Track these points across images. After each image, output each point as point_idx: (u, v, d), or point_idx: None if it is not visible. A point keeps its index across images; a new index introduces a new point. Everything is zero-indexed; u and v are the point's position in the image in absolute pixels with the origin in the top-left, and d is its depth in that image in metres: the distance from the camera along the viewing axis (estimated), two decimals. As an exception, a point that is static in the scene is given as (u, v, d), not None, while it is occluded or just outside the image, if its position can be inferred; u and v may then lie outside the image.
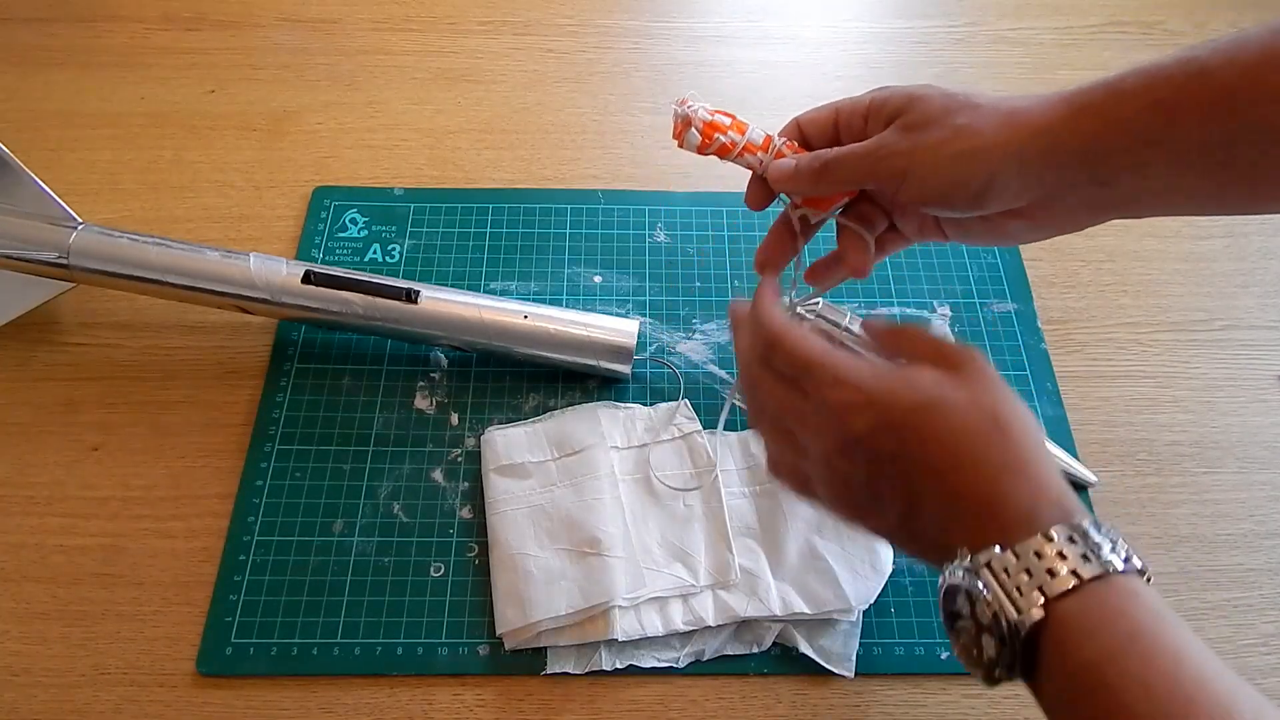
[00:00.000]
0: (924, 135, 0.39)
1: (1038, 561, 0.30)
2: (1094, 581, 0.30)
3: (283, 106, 0.72)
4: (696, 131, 0.45)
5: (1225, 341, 0.61)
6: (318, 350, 0.59)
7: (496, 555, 0.50)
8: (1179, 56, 0.34)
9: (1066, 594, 0.30)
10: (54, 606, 0.50)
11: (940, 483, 0.33)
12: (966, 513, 0.33)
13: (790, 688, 0.48)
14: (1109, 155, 0.36)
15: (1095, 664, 0.29)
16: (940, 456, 0.34)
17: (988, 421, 0.34)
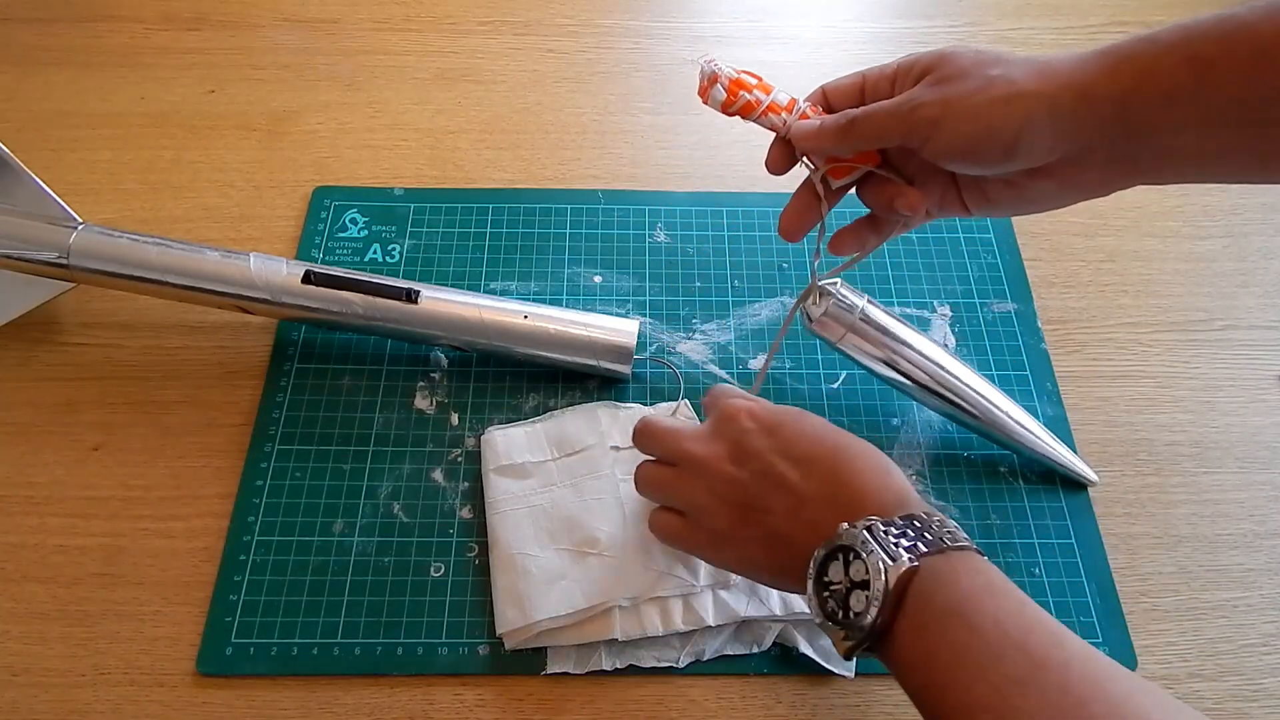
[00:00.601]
0: (956, 86, 0.39)
1: (912, 529, 0.36)
2: (956, 549, 0.35)
3: (283, 106, 0.72)
4: (722, 88, 0.44)
5: (1225, 341, 0.61)
6: (318, 350, 0.59)
7: (496, 555, 0.50)
8: (1217, 14, 0.34)
9: (934, 553, 0.35)
10: (54, 606, 0.50)
11: (818, 473, 0.39)
12: (842, 499, 0.38)
13: (790, 688, 0.48)
14: (1143, 109, 0.35)
15: (957, 603, 0.34)
16: (816, 450, 0.40)
17: (846, 434, 0.41)
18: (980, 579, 0.35)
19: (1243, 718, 0.48)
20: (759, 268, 0.63)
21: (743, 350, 0.59)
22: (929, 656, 0.34)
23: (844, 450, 0.40)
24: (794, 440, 0.41)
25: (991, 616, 0.33)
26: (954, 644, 0.33)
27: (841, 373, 0.58)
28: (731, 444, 0.42)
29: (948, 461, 0.55)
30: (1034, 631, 0.33)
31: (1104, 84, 0.36)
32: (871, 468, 0.40)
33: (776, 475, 0.40)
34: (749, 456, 0.41)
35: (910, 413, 0.57)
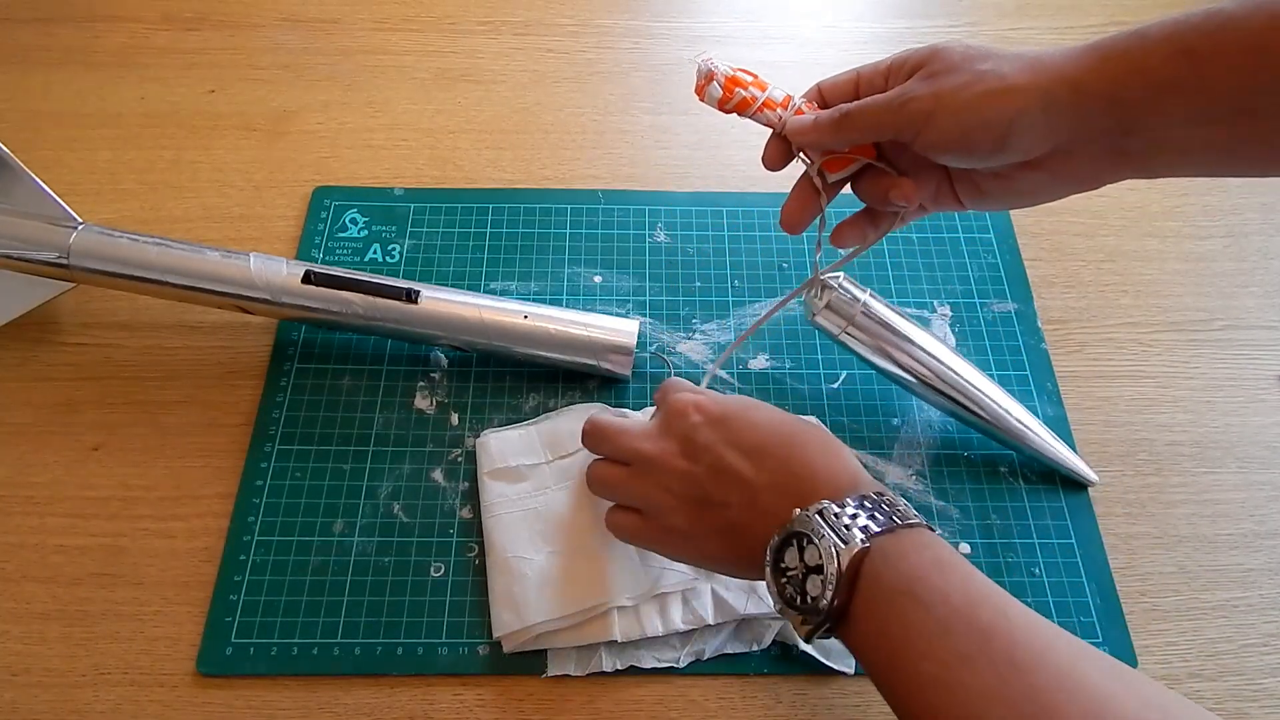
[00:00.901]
0: (947, 80, 0.39)
1: (862, 509, 0.36)
2: (906, 526, 0.36)
3: (283, 106, 0.72)
4: (718, 85, 0.45)
5: (1225, 341, 0.61)
6: (318, 350, 0.59)
7: (492, 559, 0.50)
8: (1205, 9, 0.34)
9: (885, 532, 0.35)
10: (54, 606, 0.50)
11: (769, 462, 0.40)
12: (794, 486, 0.39)
13: (790, 687, 0.48)
14: (1134, 101, 0.36)
15: (907, 581, 0.34)
16: (765, 439, 0.40)
17: (803, 422, 0.42)
18: (928, 554, 0.35)
19: (1243, 718, 0.48)
20: (759, 268, 0.63)
21: (743, 350, 0.59)
22: (882, 635, 0.34)
23: (794, 437, 0.41)
24: (743, 431, 0.41)
25: (940, 592, 0.33)
26: (904, 621, 0.33)
27: (842, 372, 0.58)
28: (681, 439, 0.42)
29: (948, 461, 0.55)
30: (980, 604, 0.33)
31: (1095, 77, 0.36)
32: (821, 451, 0.40)
33: (728, 468, 0.40)
34: (700, 450, 0.41)
35: (910, 412, 0.57)
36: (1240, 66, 0.33)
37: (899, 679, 0.33)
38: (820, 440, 0.41)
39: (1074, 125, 0.37)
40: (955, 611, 0.33)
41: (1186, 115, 0.35)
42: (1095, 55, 0.36)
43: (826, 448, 0.40)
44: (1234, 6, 0.34)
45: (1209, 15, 0.34)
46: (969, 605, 0.33)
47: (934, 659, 0.32)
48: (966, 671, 0.31)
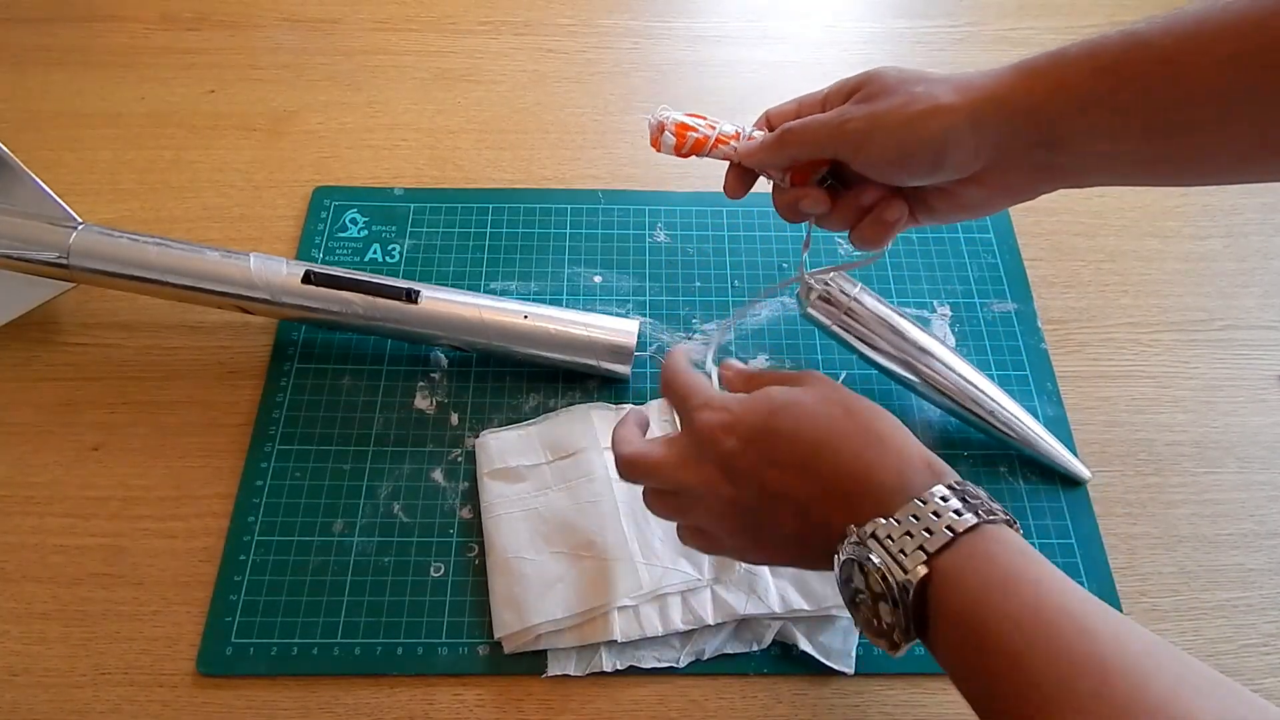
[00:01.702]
0: (882, 102, 0.41)
1: (915, 523, 0.33)
2: (968, 534, 0.33)
3: (283, 106, 0.72)
4: (671, 134, 0.47)
5: (1225, 341, 0.61)
6: (318, 350, 0.59)
7: (492, 559, 0.50)
8: (1122, 29, 0.36)
9: (945, 548, 0.32)
10: (54, 606, 0.50)
11: (811, 473, 0.37)
12: (842, 492, 0.36)
13: (790, 687, 0.48)
14: (1057, 117, 0.37)
15: (971, 607, 0.31)
16: (803, 450, 0.37)
17: (838, 408, 0.38)
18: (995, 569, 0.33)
19: (1243, 718, 0.47)
20: (759, 268, 0.63)
21: (743, 350, 0.59)
22: (957, 658, 0.32)
23: (827, 444, 0.38)
24: (781, 445, 0.39)
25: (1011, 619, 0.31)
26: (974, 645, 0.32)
27: (841, 372, 0.58)
28: (720, 466, 0.40)
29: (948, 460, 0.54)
30: (1056, 634, 0.31)
31: (1020, 95, 0.38)
32: (869, 444, 0.37)
33: (773, 488, 0.38)
34: (741, 477, 0.39)
35: (910, 412, 0.57)
36: (1150, 84, 0.35)
37: (983, 701, 0.31)
38: (854, 438, 0.37)
39: (1001, 141, 0.39)
40: (1026, 633, 0.31)
41: (1108, 129, 0.37)
42: (1019, 74, 0.38)
43: (863, 446, 0.37)
44: (1147, 27, 0.35)
45: (1124, 35, 0.36)
46: (1045, 629, 0.31)
47: (1009, 685, 0.30)
48: (1040, 699, 0.29)
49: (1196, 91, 0.35)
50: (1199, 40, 0.34)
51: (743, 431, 0.39)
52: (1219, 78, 0.34)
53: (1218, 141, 0.36)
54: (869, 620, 0.35)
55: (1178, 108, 0.35)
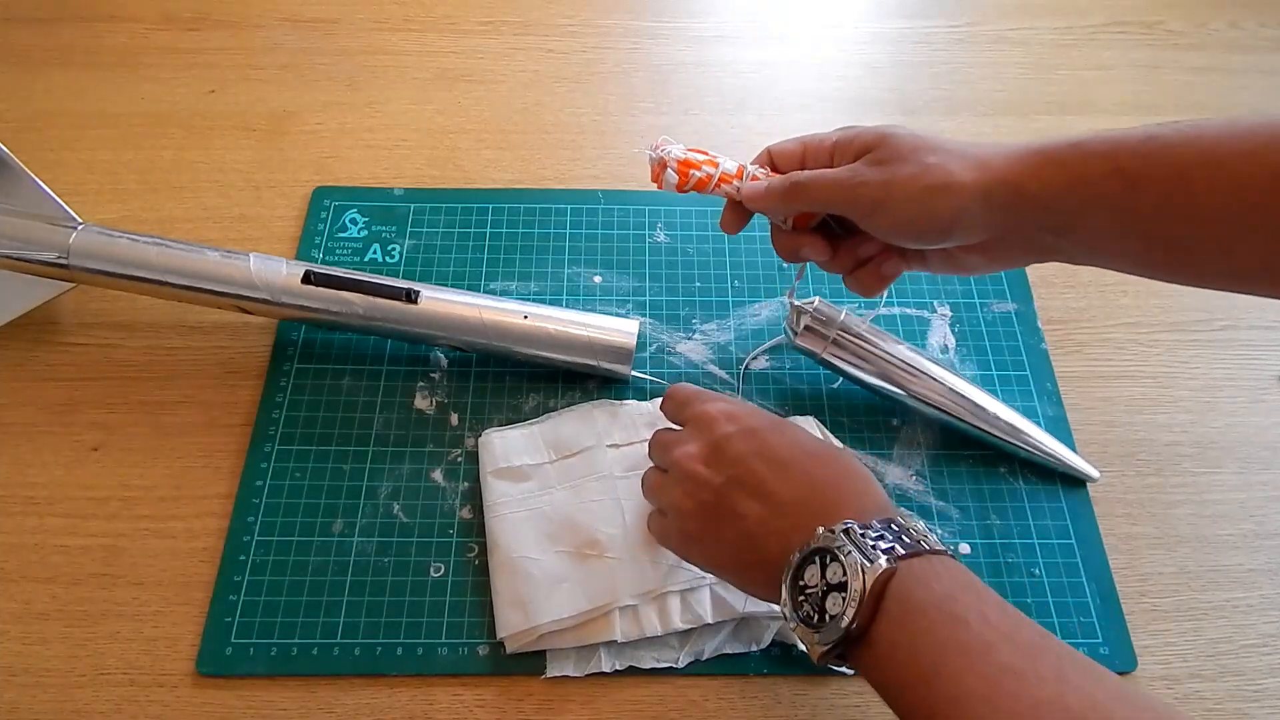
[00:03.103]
0: (897, 169, 0.41)
1: (886, 530, 0.36)
2: (932, 553, 0.35)
3: (283, 106, 0.72)
4: (673, 171, 0.48)
5: (1225, 341, 0.61)
6: (318, 350, 0.59)
7: (496, 559, 0.50)
8: (1143, 130, 0.37)
9: (909, 555, 0.35)
10: (54, 606, 0.50)
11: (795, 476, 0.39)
12: (824, 499, 0.38)
13: (790, 687, 0.48)
14: (1069, 210, 0.38)
15: (939, 600, 0.33)
16: (791, 454, 0.40)
17: (824, 443, 0.42)
18: (961, 578, 0.35)
19: (1243, 718, 0.48)
20: (759, 268, 0.63)
21: (742, 350, 0.59)
22: (911, 653, 0.33)
23: (822, 456, 0.41)
24: (774, 444, 0.41)
25: (976, 610, 0.33)
26: (939, 638, 0.33)
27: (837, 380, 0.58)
28: (709, 446, 0.42)
29: (948, 461, 0.55)
30: (1020, 627, 0.33)
31: (1034, 183, 0.39)
32: (847, 475, 0.40)
33: (753, 479, 0.40)
34: (726, 460, 0.41)
35: (910, 413, 0.57)
36: (1165, 193, 0.36)
37: (934, 696, 0.32)
38: (848, 464, 0.41)
39: (1010, 222, 0.40)
40: (996, 628, 0.32)
41: (1117, 229, 0.38)
42: (1037, 160, 0.39)
43: (852, 471, 0.40)
44: (1170, 131, 0.36)
45: (1146, 139, 0.36)
46: (1011, 624, 0.33)
47: (975, 673, 0.31)
48: (1015, 682, 0.31)
49: (1207, 212, 0.35)
50: (1217, 156, 0.34)
51: (743, 423, 0.42)
52: (1231, 201, 0.34)
53: (1219, 260, 0.36)
54: (808, 615, 0.36)
55: (1185, 223, 0.36)
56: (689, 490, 0.42)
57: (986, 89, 0.75)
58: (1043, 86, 0.76)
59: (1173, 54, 0.79)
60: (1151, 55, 0.78)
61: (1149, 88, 0.76)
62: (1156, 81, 0.76)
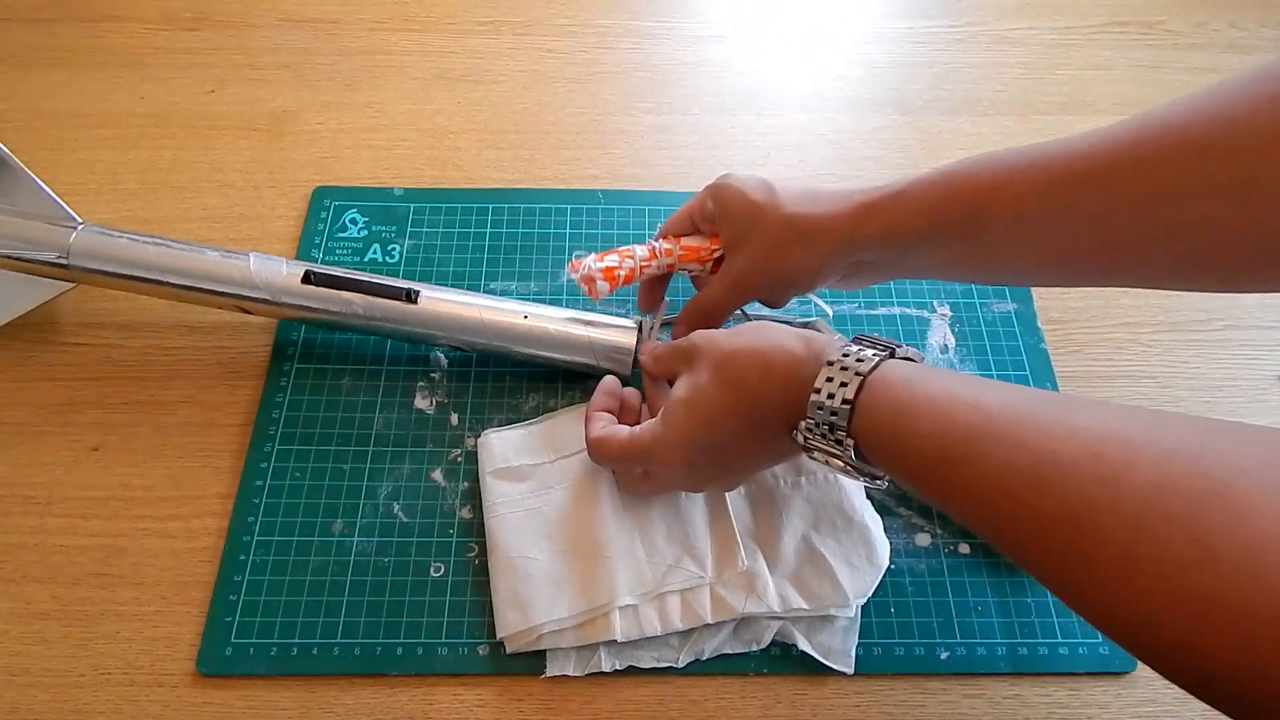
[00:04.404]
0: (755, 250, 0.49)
1: (820, 413, 0.39)
2: (861, 397, 0.38)
3: (283, 106, 0.72)
4: (602, 282, 0.52)
5: (1225, 341, 0.61)
6: (318, 350, 0.59)
7: (496, 559, 0.50)
8: (951, 168, 0.44)
9: (851, 418, 0.38)
10: (54, 606, 0.50)
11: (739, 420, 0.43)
12: (765, 426, 0.42)
13: (790, 688, 0.48)
14: (897, 245, 0.46)
15: (891, 446, 0.37)
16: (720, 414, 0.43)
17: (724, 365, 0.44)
18: (897, 371, 0.39)
19: (1242, 718, 0.47)
20: (759, 268, 0.63)
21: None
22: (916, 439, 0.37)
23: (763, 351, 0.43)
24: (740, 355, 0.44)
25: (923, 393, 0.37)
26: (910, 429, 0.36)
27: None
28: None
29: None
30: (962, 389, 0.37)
31: (858, 242, 0.47)
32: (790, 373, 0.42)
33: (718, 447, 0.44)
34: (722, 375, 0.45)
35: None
36: (973, 211, 0.43)
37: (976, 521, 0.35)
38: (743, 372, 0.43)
39: (851, 264, 0.49)
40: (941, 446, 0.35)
41: (937, 247, 0.45)
42: (856, 221, 0.47)
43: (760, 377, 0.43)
44: (971, 166, 0.44)
45: (950, 171, 0.44)
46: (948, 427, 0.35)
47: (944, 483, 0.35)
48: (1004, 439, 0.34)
49: (1004, 216, 0.42)
50: (1010, 176, 0.42)
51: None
52: (1024, 203, 0.41)
53: (1020, 254, 0.43)
54: (832, 458, 0.40)
55: (992, 229, 0.43)
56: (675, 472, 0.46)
57: (986, 89, 0.75)
58: (1043, 86, 0.76)
59: (1173, 54, 0.79)
60: (1151, 55, 0.79)
61: (1149, 88, 0.76)
62: (1156, 81, 0.76)
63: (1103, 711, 0.48)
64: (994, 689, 0.48)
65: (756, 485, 0.52)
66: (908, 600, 0.50)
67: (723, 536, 0.50)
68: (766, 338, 0.43)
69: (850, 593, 0.48)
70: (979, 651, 0.49)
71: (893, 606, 0.50)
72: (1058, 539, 0.31)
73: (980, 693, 0.48)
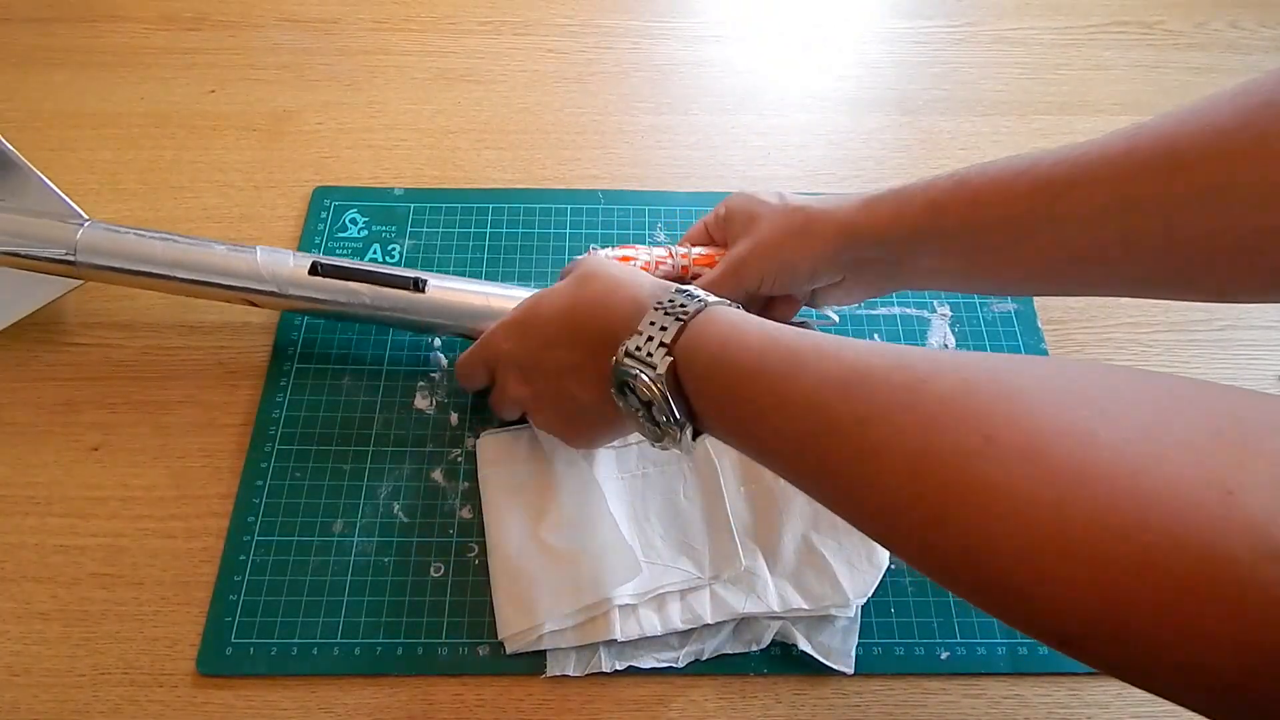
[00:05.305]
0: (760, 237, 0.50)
1: (652, 327, 0.40)
2: (696, 317, 0.39)
3: (283, 106, 0.72)
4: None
5: (1225, 341, 0.61)
6: (318, 350, 0.59)
7: (495, 559, 0.50)
8: (953, 173, 0.44)
9: (678, 336, 0.39)
10: (54, 606, 0.50)
11: (576, 342, 0.45)
12: (601, 343, 0.42)
13: (790, 687, 0.48)
14: (896, 240, 0.46)
15: (717, 365, 0.38)
16: (559, 326, 0.46)
17: (579, 281, 0.46)
18: (716, 328, 0.39)
19: (1242, 718, 0.48)
20: (759, 268, 0.63)
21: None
22: (737, 421, 0.38)
23: (575, 310, 0.45)
24: (543, 330, 0.47)
25: (743, 346, 0.37)
26: (742, 398, 0.37)
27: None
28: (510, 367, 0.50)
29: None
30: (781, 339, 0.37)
31: (863, 229, 0.47)
32: (599, 303, 0.44)
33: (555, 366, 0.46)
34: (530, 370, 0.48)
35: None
36: (969, 213, 0.43)
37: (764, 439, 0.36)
38: (600, 289, 0.44)
39: (853, 261, 0.48)
40: (766, 355, 0.36)
41: (936, 249, 0.45)
42: (864, 210, 0.47)
43: (604, 290, 0.44)
44: (968, 171, 0.44)
45: (952, 177, 0.44)
46: (778, 343, 0.37)
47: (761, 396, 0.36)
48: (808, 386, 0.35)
49: (993, 221, 0.43)
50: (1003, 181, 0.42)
51: (511, 330, 0.49)
52: (1014, 208, 0.42)
53: (1011, 262, 0.44)
54: (654, 432, 0.41)
55: (982, 232, 0.43)
56: (530, 403, 0.50)
57: (986, 89, 0.75)
58: (1043, 86, 0.76)
59: (1173, 54, 0.79)
60: (1151, 55, 0.79)
61: (1149, 88, 0.76)
62: (1156, 81, 0.76)
63: (1103, 711, 0.48)
64: (994, 689, 0.48)
65: (756, 485, 0.52)
66: (908, 600, 0.50)
67: (720, 537, 0.50)
68: (628, 271, 0.45)
69: (850, 593, 0.48)
70: (979, 651, 0.49)
71: (893, 606, 0.50)
72: (854, 442, 0.32)
73: (980, 693, 0.48)
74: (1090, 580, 0.25)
